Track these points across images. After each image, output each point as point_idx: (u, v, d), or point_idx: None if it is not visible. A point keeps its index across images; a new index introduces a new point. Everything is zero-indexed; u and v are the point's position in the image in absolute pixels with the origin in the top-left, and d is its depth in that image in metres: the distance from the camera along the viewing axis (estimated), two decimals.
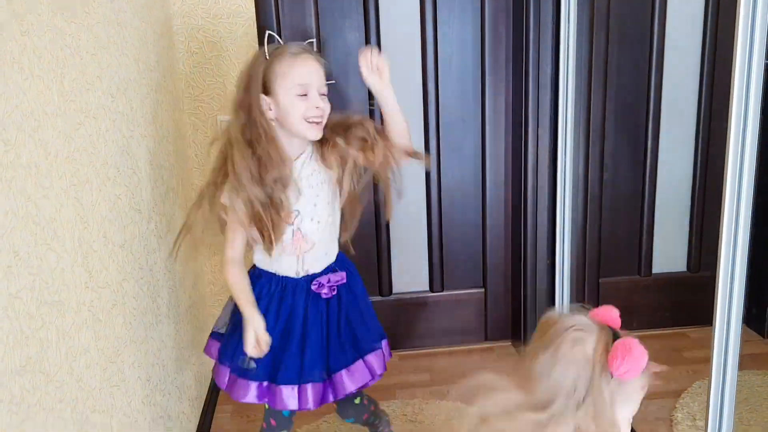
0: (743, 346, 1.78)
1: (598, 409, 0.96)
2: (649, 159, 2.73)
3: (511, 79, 2.58)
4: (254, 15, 2.31)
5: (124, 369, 1.47)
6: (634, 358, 0.96)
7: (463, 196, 2.70)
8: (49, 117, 1.14)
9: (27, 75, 1.06)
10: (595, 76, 2.61)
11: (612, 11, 2.57)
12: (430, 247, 2.75)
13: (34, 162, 1.07)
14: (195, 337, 2.31)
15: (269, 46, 1.61)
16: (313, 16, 2.41)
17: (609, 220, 2.79)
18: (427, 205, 2.71)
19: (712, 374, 1.52)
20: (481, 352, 2.79)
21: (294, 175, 1.63)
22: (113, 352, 1.40)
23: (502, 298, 2.79)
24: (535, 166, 2.54)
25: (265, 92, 1.58)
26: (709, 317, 1.53)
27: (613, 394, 0.98)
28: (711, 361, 1.51)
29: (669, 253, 2.86)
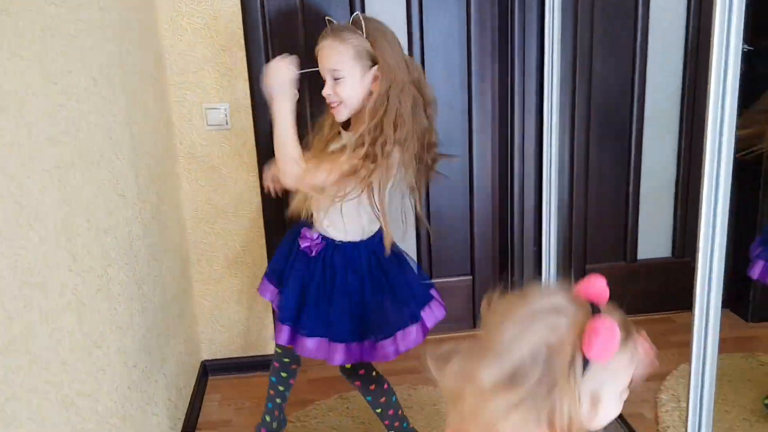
0: (727, 330, 1.81)
1: (571, 394, 0.93)
2: (633, 146, 2.75)
3: (497, 66, 2.59)
4: (239, 1, 2.30)
5: (110, 354, 1.47)
6: (603, 340, 0.93)
7: (449, 184, 2.71)
8: (32, 98, 1.13)
9: (8, 55, 1.05)
10: (580, 63, 2.63)
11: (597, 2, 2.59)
12: (418, 236, 2.75)
13: (17, 141, 1.06)
14: (182, 325, 2.31)
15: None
16: (299, 1, 2.41)
17: (595, 206, 2.81)
18: None
19: (692, 357, 1.53)
20: (470, 339, 2.78)
21: None
22: (99, 337, 1.40)
23: (490, 285, 2.79)
24: (522, 153, 2.56)
25: None
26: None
27: (593, 375, 0.95)
28: (691, 344, 1.52)
29: (654, 240, 2.89)
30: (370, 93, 1.70)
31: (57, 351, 1.17)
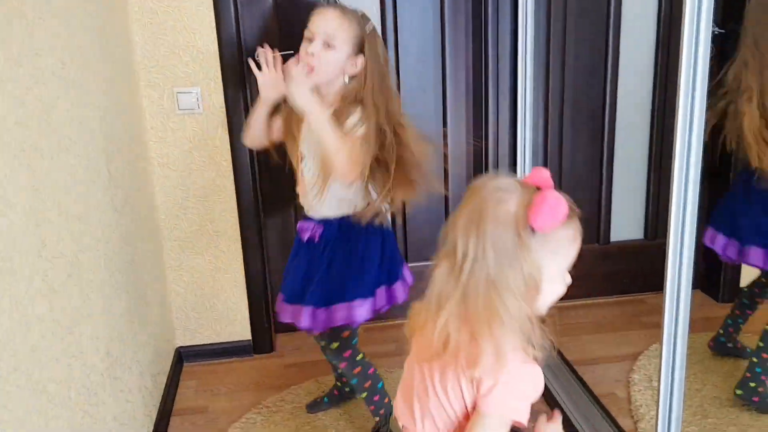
0: (698, 310, 1.83)
1: (526, 265, 0.96)
2: (606, 129, 2.77)
3: (471, 49, 2.59)
4: None
5: (82, 341, 1.45)
6: (550, 208, 0.97)
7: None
8: None
9: None
10: (553, 46, 2.64)
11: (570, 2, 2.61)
12: (392, 220, 2.75)
13: None
14: (156, 311, 2.29)
15: None
16: None
17: (569, 189, 2.81)
18: None
19: (663, 337, 1.56)
20: None
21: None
22: (70, 323, 1.38)
23: None
24: (496, 137, 2.57)
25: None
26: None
27: (539, 248, 0.98)
28: (663, 324, 1.55)
29: (627, 222, 2.92)
30: (342, 76, 1.77)
31: (26, 338, 1.15)
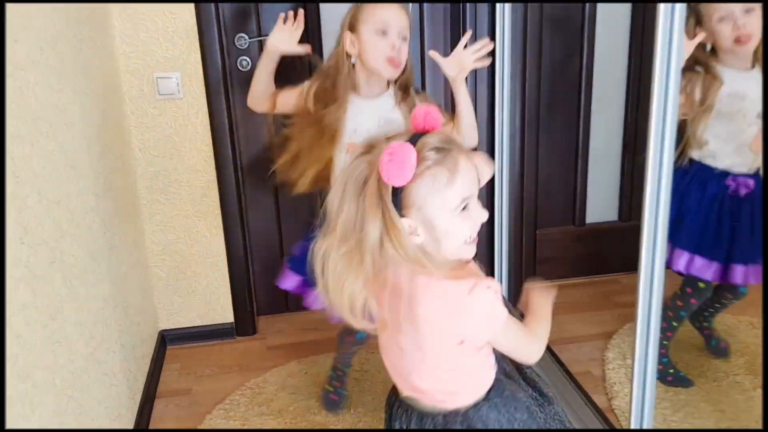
0: (670, 290, 1.88)
1: (383, 221, 0.97)
2: (582, 112, 2.81)
3: (449, 29, 2.60)
4: None
5: (66, 327, 1.46)
6: (392, 163, 0.95)
7: None
8: None
9: None
10: (530, 30, 2.66)
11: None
12: None
13: None
14: (139, 296, 2.31)
15: None
16: None
17: (545, 172, 2.87)
18: None
19: (638, 316, 1.60)
20: None
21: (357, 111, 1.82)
22: (54, 309, 1.39)
23: None
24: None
25: (352, 30, 1.78)
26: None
27: (413, 200, 0.99)
28: (637, 303, 1.59)
29: (601, 204, 2.98)
30: None
31: (11, 324, 1.16)
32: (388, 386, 2.21)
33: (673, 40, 1.38)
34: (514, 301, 1.65)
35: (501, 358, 1.23)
